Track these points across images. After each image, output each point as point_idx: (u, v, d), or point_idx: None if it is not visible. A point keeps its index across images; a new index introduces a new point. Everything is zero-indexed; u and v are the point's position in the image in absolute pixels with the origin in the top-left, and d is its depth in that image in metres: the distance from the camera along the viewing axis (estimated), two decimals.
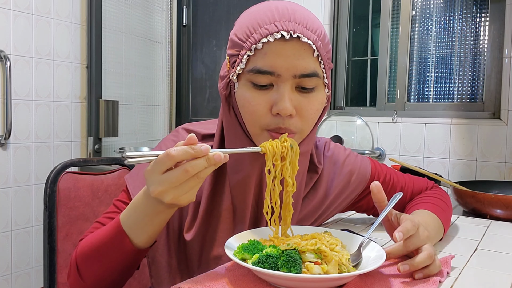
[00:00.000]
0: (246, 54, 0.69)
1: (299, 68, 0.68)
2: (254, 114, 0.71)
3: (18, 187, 2.30)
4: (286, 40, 0.67)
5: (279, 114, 0.69)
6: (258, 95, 0.70)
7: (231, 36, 0.73)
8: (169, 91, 3.06)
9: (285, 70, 0.68)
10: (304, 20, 0.69)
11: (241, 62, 0.70)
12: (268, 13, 0.69)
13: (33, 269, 2.38)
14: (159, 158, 0.60)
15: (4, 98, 2.19)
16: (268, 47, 0.68)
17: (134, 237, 0.69)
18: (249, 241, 0.66)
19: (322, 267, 0.61)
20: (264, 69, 0.68)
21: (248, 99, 0.71)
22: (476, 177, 1.91)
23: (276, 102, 0.69)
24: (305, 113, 0.71)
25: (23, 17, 2.26)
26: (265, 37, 0.68)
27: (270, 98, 0.70)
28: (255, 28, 0.69)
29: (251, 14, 0.72)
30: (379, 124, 2.16)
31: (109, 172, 1.29)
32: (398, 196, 0.79)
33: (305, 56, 0.69)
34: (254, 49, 0.69)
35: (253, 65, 0.69)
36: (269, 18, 0.69)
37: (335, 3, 2.36)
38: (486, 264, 0.76)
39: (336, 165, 0.90)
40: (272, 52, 0.68)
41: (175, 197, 0.61)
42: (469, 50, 2.06)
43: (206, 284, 0.63)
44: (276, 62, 0.68)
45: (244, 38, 0.70)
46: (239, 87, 0.72)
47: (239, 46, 0.71)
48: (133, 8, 2.76)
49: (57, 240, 1.15)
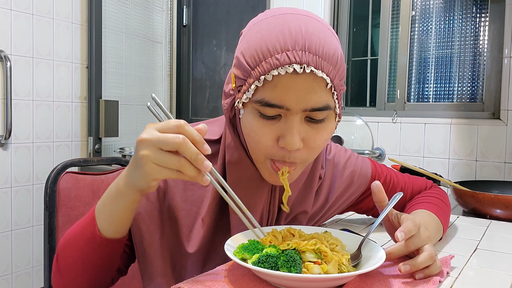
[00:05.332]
0: (254, 84, 0.64)
1: (310, 103, 0.64)
2: (259, 144, 0.68)
3: (18, 187, 2.30)
4: (298, 73, 0.62)
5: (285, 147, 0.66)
6: (265, 125, 0.66)
7: (237, 54, 0.68)
8: (169, 91, 3.06)
9: (295, 104, 0.63)
10: (320, 47, 0.63)
11: (248, 91, 0.65)
12: (279, 36, 0.63)
13: (33, 269, 2.38)
14: (170, 121, 0.59)
15: (4, 98, 2.19)
16: (279, 80, 0.63)
17: (101, 223, 0.67)
18: (249, 241, 0.66)
19: (322, 267, 0.61)
20: (273, 102, 0.64)
21: (254, 129, 0.67)
22: (476, 177, 1.91)
23: (283, 135, 0.65)
24: (312, 144, 0.68)
25: (23, 17, 2.26)
26: (275, 69, 0.62)
27: (278, 129, 0.66)
28: (265, 55, 0.63)
29: (260, 33, 0.65)
30: (379, 124, 2.16)
31: (109, 172, 1.29)
32: (398, 196, 0.79)
33: (317, 90, 0.64)
34: (263, 80, 0.63)
35: (261, 96, 0.64)
36: (280, 45, 0.62)
37: (335, 3, 2.36)
38: (486, 264, 0.76)
39: (338, 168, 0.90)
40: (282, 86, 0.63)
41: (150, 157, 0.58)
42: (469, 50, 2.06)
43: (206, 284, 0.63)
44: (286, 96, 0.63)
45: (253, 64, 0.64)
46: (245, 114, 0.68)
47: (246, 71, 0.65)
48: (133, 8, 2.76)
49: (57, 240, 1.15)
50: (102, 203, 0.69)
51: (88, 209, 1.21)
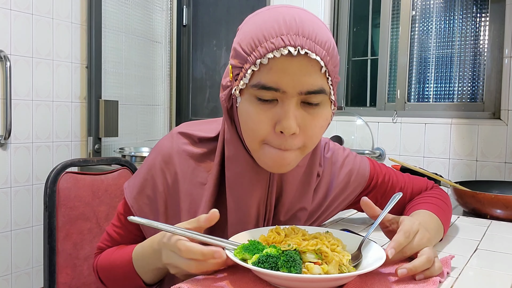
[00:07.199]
0: (250, 69, 0.66)
1: (305, 85, 0.65)
2: (256, 131, 0.69)
3: (18, 187, 2.30)
4: (293, 56, 0.64)
5: (282, 132, 0.67)
6: (262, 110, 0.67)
7: (234, 45, 0.70)
8: (169, 91, 3.06)
9: (291, 87, 0.65)
10: (313, 33, 0.65)
11: (245, 77, 0.67)
12: (274, 24, 0.65)
13: (33, 269, 2.38)
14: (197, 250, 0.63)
15: (4, 98, 2.19)
16: (274, 62, 0.65)
17: (142, 275, 0.78)
18: (249, 241, 0.66)
19: (322, 267, 0.61)
20: (269, 85, 0.65)
21: (250, 115, 0.68)
22: (476, 177, 1.91)
23: (280, 119, 0.67)
24: (309, 130, 0.69)
25: (23, 17, 2.26)
26: (271, 52, 0.64)
27: (274, 114, 0.67)
28: (261, 41, 0.65)
29: (256, 23, 0.68)
30: (379, 124, 2.16)
31: (109, 172, 1.29)
32: (398, 197, 0.79)
33: (312, 73, 0.65)
34: (259, 64, 0.65)
35: (257, 80, 0.66)
36: (275, 31, 0.65)
37: (335, 3, 2.36)
38: (486, 264, 0.76)
39: (336, 166, 0.90)
40: (278, 68, 0.65)
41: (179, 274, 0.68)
42: (469, 50, 2.06)
43: (206, 284, 0.63)
44: (282, 79, 0.65)
45: (249, 50, 0.66)
46: (242, 101, 0.70)
47: (243, 59, 0.68)
48: (133, 8, 2.76)
49: (57, 240, 1.15)
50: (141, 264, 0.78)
51: (88, 209, 1.21)
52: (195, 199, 0.79)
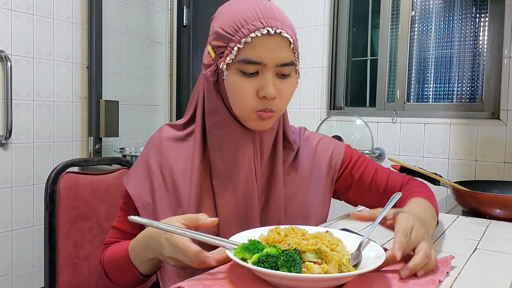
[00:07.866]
0: (236, 46, 0.80)
1: (281, 58, 0.81)
2: (243, 98, 0.82)
3: (19, 187, 2.30)
4: (270, 35, 0.79)
5: (265, 97, 0.82)
6: (246, 81, 0.82)
7: (216, 30, 0.84)
8: (169, 91, 3.07)
9: (270, 60, 0.80)
10: (282, 18, 0.82)
11: (231, 53, 0.81)
12: (252, 11, 0.81)
13: (33, 269, 2.38)
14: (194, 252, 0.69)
15: (5, 98, 2.19)
16: (256, 40, 0.79)
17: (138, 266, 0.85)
18: (249, 241, 0.66)
19: (322, 267, 0.61)
20: (254, 59, 0.80)
21: (237, 85, 0.82)
22: (475, 177, 1.91)
23: (262, 87, 0.81)
24: (283, 95, 0.84)
25: (23, 17, 2.26)
26: (253, 32, 0.79)
27: (256, 84, 0.82)
28: (243, 24, 0.80)
29: (234, 10, 0.82)
30: (378, 124, 2.16)
31: (109, 172, 1.30)
32: (397, 196, 0.80)
33: (284, 48, 0.82)
34: (244, 43, 0.79)
35: (243, 56, 0.80)
36: (254, 16, 0.80)
37: (335, 3, 2.36)
38: (486, 264, 0.76)
39: (311, 145, 1.01)
40: (260, 45, 0.80)
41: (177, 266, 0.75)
42: (469, 50, 2.06)
43: (206, 283, 0.63)
44: (263, 54, 0.80)
45: (232, 32, 0.81)
46: (228, 74, 0.83)
47: (226, 39, 0.81)
48: (133, 8, 2.76)
49: (57, 239, 1.15)
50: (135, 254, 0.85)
51: (88, 209, 1.21)
52: (186, 170, 0.89)
